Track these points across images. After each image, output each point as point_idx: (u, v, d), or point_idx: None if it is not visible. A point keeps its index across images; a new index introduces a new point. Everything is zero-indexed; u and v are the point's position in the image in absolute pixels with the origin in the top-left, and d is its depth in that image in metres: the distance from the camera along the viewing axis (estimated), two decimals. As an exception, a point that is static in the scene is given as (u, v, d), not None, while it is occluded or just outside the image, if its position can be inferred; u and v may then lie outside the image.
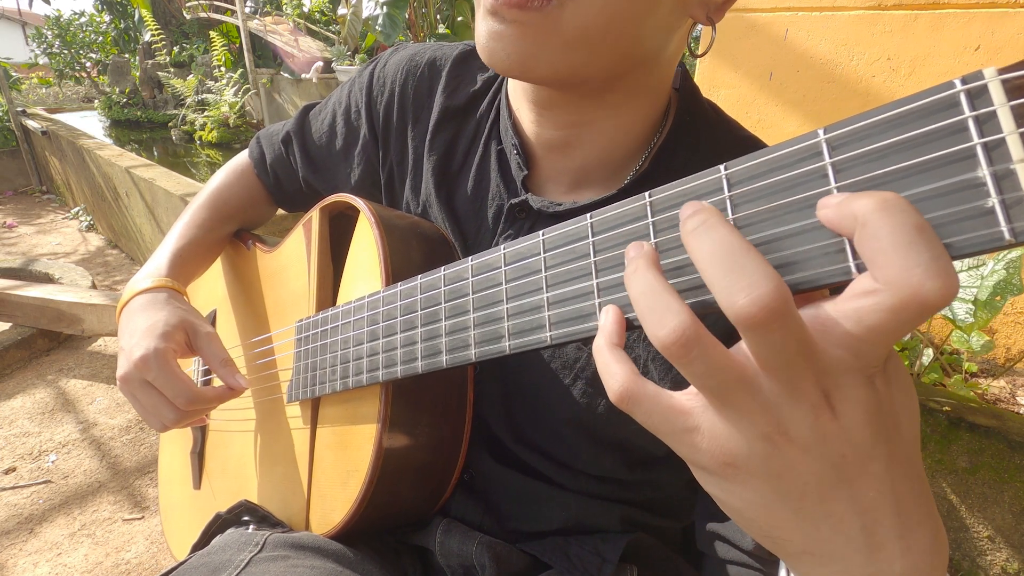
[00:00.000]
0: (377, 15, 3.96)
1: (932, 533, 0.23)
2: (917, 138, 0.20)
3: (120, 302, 0.63)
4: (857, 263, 0.21)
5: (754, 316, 0.20)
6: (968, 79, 0.19)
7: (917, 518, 0.22)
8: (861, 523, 0.22)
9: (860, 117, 0.22)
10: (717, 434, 0.23)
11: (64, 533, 1.35)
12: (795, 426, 0.21)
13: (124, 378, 0.56)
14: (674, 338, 0.21)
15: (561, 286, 0.31)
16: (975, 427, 1.11)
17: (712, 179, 0.26)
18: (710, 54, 1.75)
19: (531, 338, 0.33)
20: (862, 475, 0.22)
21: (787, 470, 0.22)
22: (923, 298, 0.18)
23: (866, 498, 0.22)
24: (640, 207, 0.28)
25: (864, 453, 0.21)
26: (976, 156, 0.19)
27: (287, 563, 0.47)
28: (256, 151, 0.74)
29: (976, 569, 1.17)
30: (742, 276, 0.20)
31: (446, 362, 0.39)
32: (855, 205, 0.20)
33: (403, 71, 0.61)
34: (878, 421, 0.21)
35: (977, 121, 0.19)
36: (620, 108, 0.47)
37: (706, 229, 0.22)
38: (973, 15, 1.32)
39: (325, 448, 0.55)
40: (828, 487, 0.22)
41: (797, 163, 0.23)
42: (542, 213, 0.50)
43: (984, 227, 0.19)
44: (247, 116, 5.02)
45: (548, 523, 0.54)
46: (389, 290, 0.46)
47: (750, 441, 0.22)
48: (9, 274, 2.39)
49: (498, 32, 0.39)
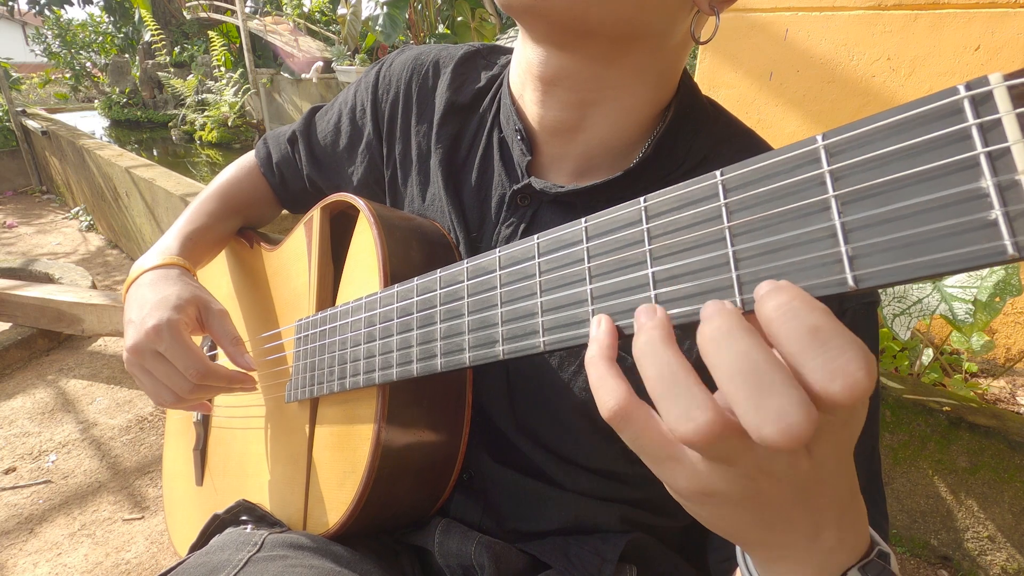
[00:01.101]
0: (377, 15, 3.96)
1: (858, 509, 0.28)
2: (919, 145, 0.20)
3: (128, 280, 0.62)
4: (855, 275, 0.21)
5: (778, 443, 0.20)
6: (973, 85, 0.19)
7: (850, 503, 0.27)
8: (811, 522, 0.26)
9: (860, 123, 0.21)
10: (699, 471, 0.24)
11: (64, 533, 1.35)
12: (777, 468, 0.24)
13: (134, 348, 0.55)
14: (704, 431, 0.22)
15: (555, 291, 0.31)
16: (975, 427, 1.11)
17: (708, 185, 0.25)
18: (710, 54, 1.75)
19: (524, 343, 0.32)
20: (820, 492, 0.25)
21: (760, 497, 0.24)
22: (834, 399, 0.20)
23: (819, 505, 0.25)
24: (635, 212, 0.28)
25: (826, 477, 0.25)
26: (979, 165, 0.18)
27: (285, 563, 0.47)
28: (263, 151, 0.75)
29: (976, 569, 1.17)
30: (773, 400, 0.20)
31: (441, 366, 0.39)
32: (763, 309, 0.21)
33: (408, 69, 0.62)
34: (843, 450, 0.25)
35: (981, 129, 0.18)
36: (625, 89, 0.47)
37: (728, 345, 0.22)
38: (973, 15, 1.32)
39: (323, 448, 0.55)
40: (791, 504, 0.25)
41: (794, 169, 0.23)
42: (544, 195, 0.51)
43: (986, 240, 0.18)
44: (247, 116, 5.02)
45: (547, 523, 0.53)
46: (386, 292, 0.45)
47: (731, 480, 0.24)
48: (9, 274, 2.39)
49: None
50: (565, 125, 0.49)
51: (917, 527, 1.22)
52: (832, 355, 0.20)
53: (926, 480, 1.18)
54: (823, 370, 0.20)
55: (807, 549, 0.26)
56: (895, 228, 0.20)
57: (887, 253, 0.20)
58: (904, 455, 1.20)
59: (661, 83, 0.48)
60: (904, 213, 0.20)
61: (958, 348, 1.43)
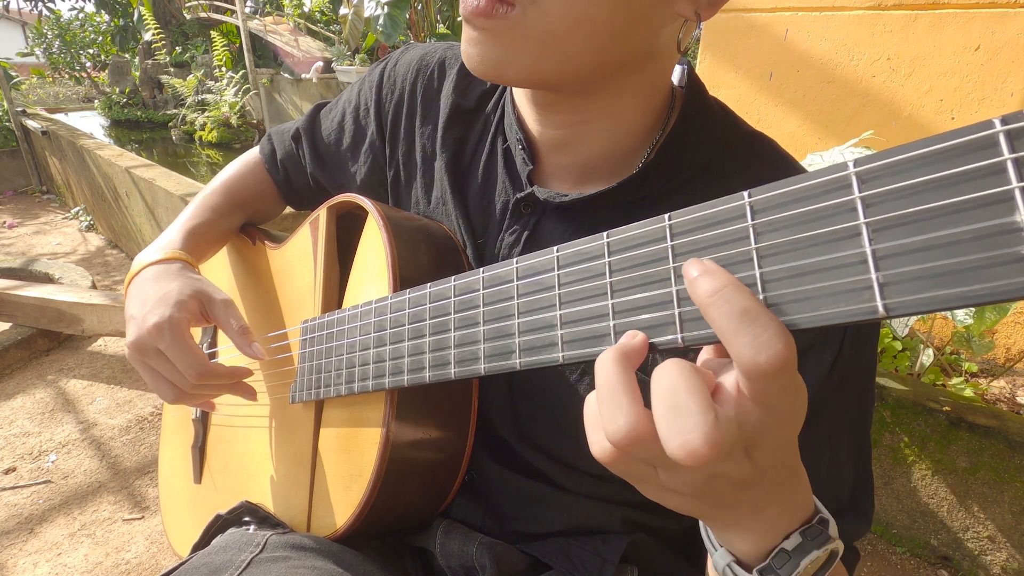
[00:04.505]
0: (378, 15, 3.96)
1: (798, 483, 0.31)
2: (952, 177, 0.20)
3: (129, 274, 0.62)
4: (885, 303, 0.21)
5: (684, 459, 0.24)
6: (1008, 120, 0.19)
7: (788, 481, 0.30)
8: (755, 501, 0.30)
9: (893, 151, 0.21)
10: (667, 482, 0.29)
11: (64, 533, 1.35)
12: (723, 470, 0.27)
13: (135, 345, 0.55)
14: (622, 435, 0.26)
15: (575, 304, 0.31)
16: (975, 427, 1.11)
17: (735, 206, 0.25)
18: (711, 54, 1.75)
19: (543, 356, 0.32)
20: (762, 481, 0.29)
21: (713, 491, 0.29)
22: (761, 369, 0.23)
23: (761, 489, 0.29)
24: (659, 229, 0.28)
25: (768, 472, 0.28)
26: (1014, 200, 0.18)
27: (288, 564, 0.47)
28: (267, 147, 0.75)
29: (976, 569, 1.17)
30: (680, 421, 0.24)
31: (455, 374, 0.38)
32: (696, 292, 0.25)
33: (413, 70, 0.61)
34: (783, 451, 0.28)
35: (1016, 164, 0.18)
36: (616, 106, 0.47)
37: (667, 368, 0.26)
38: (973, 15, 1.32)
39: (328, 451, 0.55)
40: (738, 493, 0.29)
41: (825, 195, 0.23)
42: (548, 204, 0.51)
43: (1017, 275, 0.18)
44: (247, 116, 5.02)
45: (549, 524, 0.53)
46: (397, 297, 0.45)
47: (689, 484, 0.28)
48: (9, 274, 2.39)
49: (473, 38, 0.42)
50: (563, 140, 0.50)
51: (917, 527, 1.22)
52: (758, 331, 0.23)
53: (926, 480, 1.18)
54: (752, 345, 0.23)
55: (754, 518, 0.31)
56: (926, 258, 0.20)
57: (917, 282, 0.20)
58: (904, 455, 1.20)
59: (654, 90, 0.48)
60: (936, 244, 0.20)
61: (958, 348, 1.43)
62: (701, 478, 0.28)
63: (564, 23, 0.38)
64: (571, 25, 0.38)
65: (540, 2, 0.38)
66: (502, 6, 0.38)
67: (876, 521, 1.27)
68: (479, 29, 0.40)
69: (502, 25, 0.39)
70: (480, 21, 0.40)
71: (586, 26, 0.39)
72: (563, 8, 0.38)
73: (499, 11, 0.38)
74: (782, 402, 0.25)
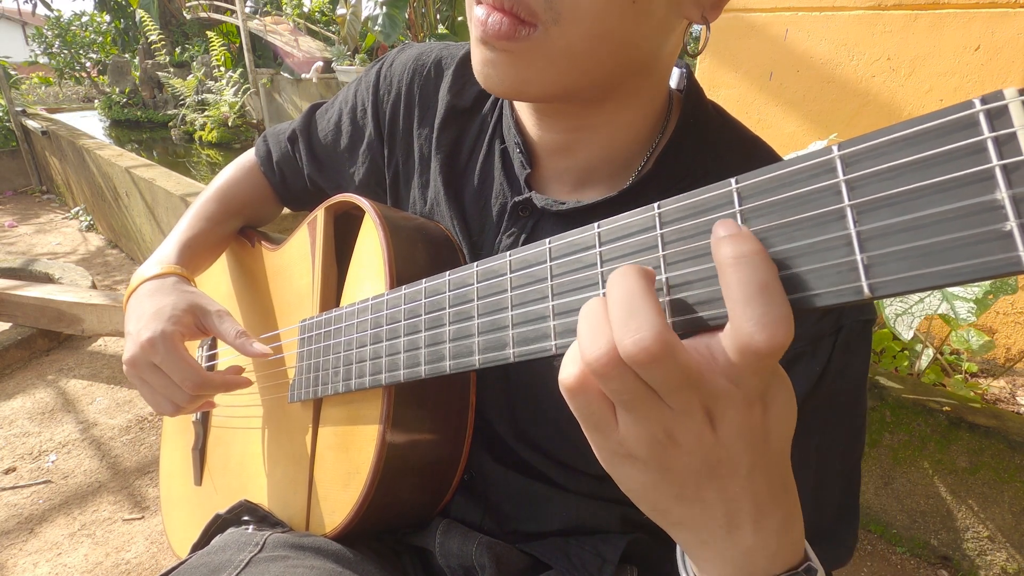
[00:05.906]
0: (377, 15, 3.97)
1: (782, 518, 0.29)
2: (934, 157, 0.20)
3: (127, 290, 0.63)
4: (870, 283, 0.21)
5: (635, 356, 0.23)
6: (988, 99, 0.19)
7: (770, 508, 0.28)
8: (725, 509, 0.28)
9: (875, 134, 0.22)
10: (625, 434, 0.27)
11: (64, 533, 1.35)
12: (682, 435, 0.26)
13: (131, 361, 0.56)
14: (600, 355, 0.25)
15: (567, 295, 0.31)
16: (975, 427, 1.11)
17: (723, 192, 0.25)
18: (710, 54, 1.75)
19: (535, 347, 0.33)
20: (730, 475, 0.27)
21: (673, 466, 0.27)
22: (755, 346, 0.22)
23: (731, 491, 0.27)
24: (649, 218, 0.28)
25: (734, 459, 0.27)
26: (994, 178, 0.19)
27: (287, 563, 0.47)
28: (263, 149, 0.75)
29: (976, 569, 1.17)
30: (631, 321, 0.24)
31: (450, 368, 0.39)
32: (719, 251, 0.23)
33: (409, 70, 0.61)
34: (748, 437, 0.26)
35: (996, 142, 0.19)
36: (619, 112, 0.47)
37: (620, 275, 0.25)
38: (973, 15, 1.32)
39: (327, 449, 0.55)
40: (703, 480, 0.27)
41: (810, 179, 0.23)
42: (545, 212, 0.50)
43: (1000, 251, 0.19)
44: (247, 116, 5.02)
45: (548, 524, 0.54)
46: (393, 293, 0.45)
47: (647, 442, 0.27)
48: (9, 274, 2.39)
49: (491, 59, 0.41)
50: (562, 145, 0.50)
51: (917, 527, 1.22)
52: (767, 309, 0.22)
53: (926, 480, 1.18)
54: (757, 322, 0.22)
55: (724, 539, 0.29)
56: (910, 238, 0.20)
57: (902, 262, 0.21)
58: (904, 455, 1.20)
59: (656, 94, 0.48)
60: (919, 223, 0.20)
61: (958, 348, 1.43)
62: (660, 431, 0.26)
63: (585, 40, 0.38)
64: (592, 42, 0.38)
65: (562, 21, 0.37)
66: (524, 27, 0.38)
67: (876, 521, 1.27)
68: (498, 51, 0.40)
69: (523, 46, 0.38)
70: (501, 43, 0.39)
71: (608, 43, 0.39)
72: (585, 26, 0.37)
73: (521, 33, 0.38)
74: (753, 382, 0.25)
